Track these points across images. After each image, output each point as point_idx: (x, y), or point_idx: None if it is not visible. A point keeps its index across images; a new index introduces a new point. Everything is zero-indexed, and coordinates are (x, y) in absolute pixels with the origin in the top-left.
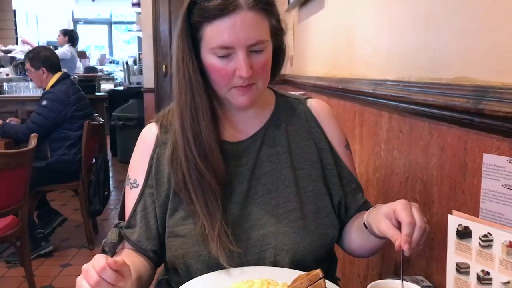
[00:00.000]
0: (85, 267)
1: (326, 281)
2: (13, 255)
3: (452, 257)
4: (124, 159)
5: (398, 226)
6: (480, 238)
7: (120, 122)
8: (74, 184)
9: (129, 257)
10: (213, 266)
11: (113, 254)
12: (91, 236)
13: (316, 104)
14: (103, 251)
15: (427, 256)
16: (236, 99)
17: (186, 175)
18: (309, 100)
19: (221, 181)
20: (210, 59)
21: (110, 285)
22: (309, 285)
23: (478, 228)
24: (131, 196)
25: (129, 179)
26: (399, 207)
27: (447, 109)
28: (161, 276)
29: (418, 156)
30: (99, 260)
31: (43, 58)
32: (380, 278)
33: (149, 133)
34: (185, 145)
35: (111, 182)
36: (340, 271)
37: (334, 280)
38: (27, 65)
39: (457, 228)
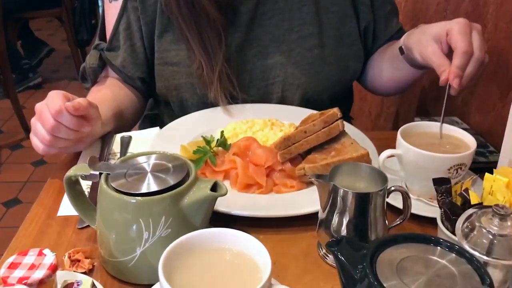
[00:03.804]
0: (38, 107)
1: (345, 122)
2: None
3: None
4: None
5: (449, 53)
6: None
7: None
8: (57, 11)
9: (111, 87)
10: (211, 102)
11: (93, 82)
12: None
13: None
14: (83, 79)
15: (464, 93)
16: None
17: None
18: None
19: (221, 4)
20: None
21: (70, 131)
22: (323, 127)
23: None
24: (111, 12)
25: None
26: (456, 28)
27: None
28: (147, 111)
29: None
30: (54, 100)
31: None
32: (397, 118)
33: None
34: None
35: (99, 11)
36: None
37: (348, 120)
38: None
39: None
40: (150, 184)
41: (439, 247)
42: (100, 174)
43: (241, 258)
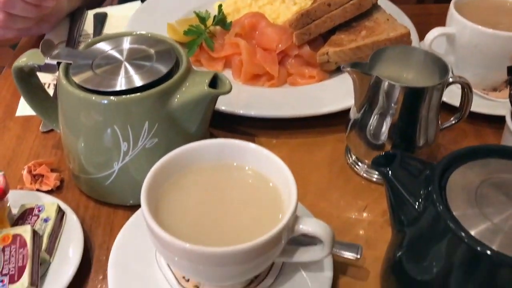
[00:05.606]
0: None
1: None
2: None
3: None
4: None
5: None
6: None
7: None
8: None
9: None
10: None
11: None
12: None
13: None
14: None
15: None
16: None
17: None
18: None
19: None
20: None
21: (28, 6)
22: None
23: None
24: None
25: None
26: None
27: None
28: None
29: None
30: None
31: None
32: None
33: None
34: None
35: None
36: None
37: None
38: None
39: None
40: (126, 78)
41: None
42: (59, 64)
43: (256, 178)
